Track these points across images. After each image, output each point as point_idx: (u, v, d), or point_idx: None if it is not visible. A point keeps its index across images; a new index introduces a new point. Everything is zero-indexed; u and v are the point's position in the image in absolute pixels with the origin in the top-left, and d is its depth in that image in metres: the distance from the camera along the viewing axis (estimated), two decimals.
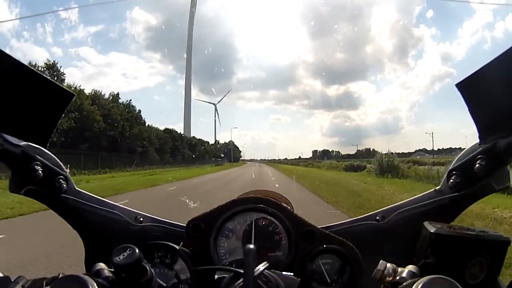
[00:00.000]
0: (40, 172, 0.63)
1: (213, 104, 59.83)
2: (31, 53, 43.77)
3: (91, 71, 54.99)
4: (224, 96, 62.48)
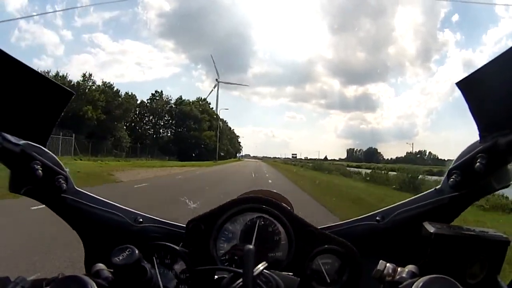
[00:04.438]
0: (39, 171, 0.63)
1: (216, 81, 52.28)
2: (41, 35, 43.17)
3: (105, 59, 52.61)
4: (215, 65, 54.30)
